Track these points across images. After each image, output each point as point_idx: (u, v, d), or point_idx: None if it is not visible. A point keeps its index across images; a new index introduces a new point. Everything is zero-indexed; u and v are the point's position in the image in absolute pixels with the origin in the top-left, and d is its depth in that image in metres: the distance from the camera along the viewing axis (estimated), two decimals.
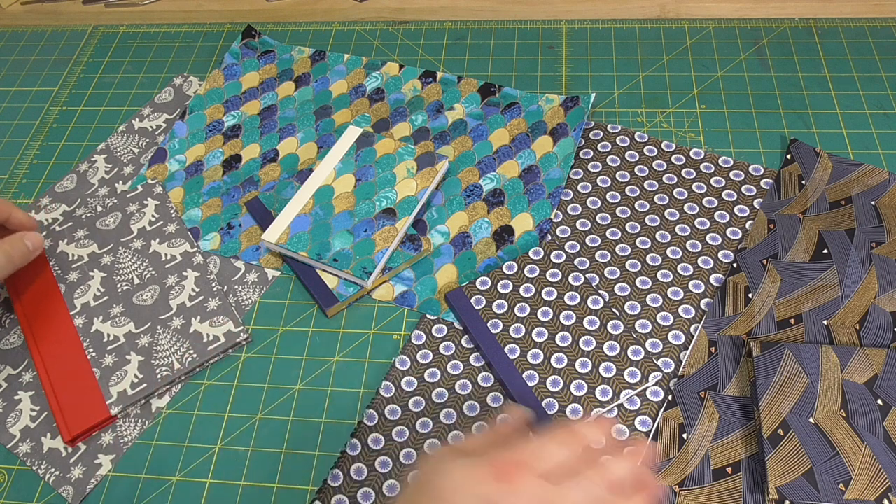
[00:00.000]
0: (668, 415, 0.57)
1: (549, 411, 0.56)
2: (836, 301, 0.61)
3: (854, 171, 0.69)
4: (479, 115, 0.78)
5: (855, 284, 0.62)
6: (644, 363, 0.58)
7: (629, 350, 0.59)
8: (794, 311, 0.61)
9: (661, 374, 0.58)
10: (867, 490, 0.51)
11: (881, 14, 0.84)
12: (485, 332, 0.61)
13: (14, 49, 0.94)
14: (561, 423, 0.53)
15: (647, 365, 0.58)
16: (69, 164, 0.80)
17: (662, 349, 0.61)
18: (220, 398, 0.62)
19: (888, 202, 0.66)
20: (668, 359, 0.60)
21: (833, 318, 0.60)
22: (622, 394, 0.57)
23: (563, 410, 0.56)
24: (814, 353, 0.57)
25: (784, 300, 0.62)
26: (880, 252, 0.63)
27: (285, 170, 0.76)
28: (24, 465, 0.60)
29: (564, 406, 0.57)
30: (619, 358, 0.59)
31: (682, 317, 0.62)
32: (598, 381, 0.58)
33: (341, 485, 0.56)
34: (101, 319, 0.66)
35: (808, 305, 0.61)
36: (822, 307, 0.61)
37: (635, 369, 0.58)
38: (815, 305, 0.61)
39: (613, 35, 0.85)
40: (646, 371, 0.58)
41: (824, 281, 0.62)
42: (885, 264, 0.63)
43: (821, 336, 0.60)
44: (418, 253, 0.67)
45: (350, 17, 0.91)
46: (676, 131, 0.75)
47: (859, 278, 0.62)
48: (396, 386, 0.60)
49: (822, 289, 0.62)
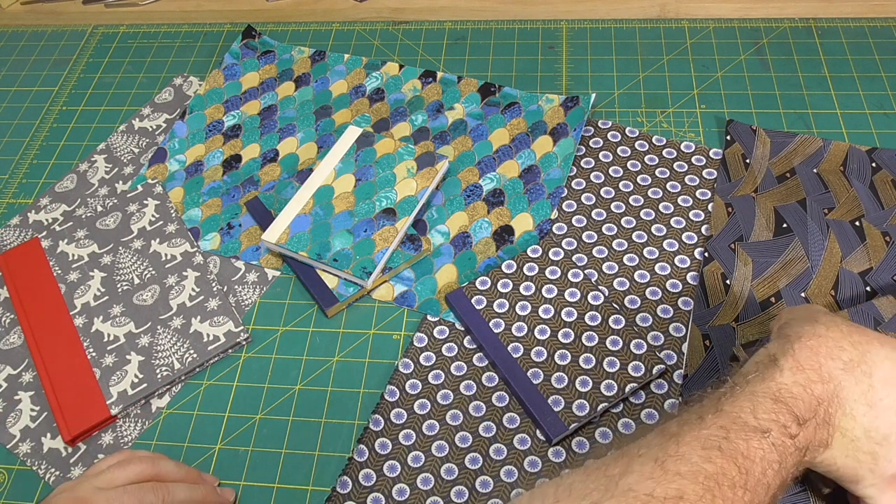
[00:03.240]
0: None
1: (555, 408, 0.56)
2: (807, 272, 0.63)
3: (791, 143, 0.72)
4: (479, 115, 0.78)
5: (820, 253, 0.64)
6: (647, 356, 0.58)
7: (632, 344, 0.59)
8: (772, 290, 0.62)
9: (664, 367, 0.58)
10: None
11: (881, 14, 0.84)
12: (487, 332, 0.61)
13: (14, 49, 0.94)
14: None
15: (650, 358, 0.58)
16: (69, 164, 0.80)
17: (664, 342, 0.61)
18: (220, 398, 0.62)
19: (828, 168, 0.69)
20: (671, 351, 0.60)
21: (809, 290, 0.62)
22: (627, 388, 0.57)
23: (570, 407, 0.56)
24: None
25: (760, 280, 0.63)
26: (833, 217, 0.66)
27: (285, 170, 0.76)
28: (24, 465, 0.60)
29: (570, 402, 0.57)
30: (623, 352, 0.59)
31: (682, 308, 0.62)
32: (603, 377, 0.58)
33: (350, 491, 0.55)
34: (101, 319, 0.65)
35: (784, 281, 0.63)
36: (796, 281, 0.63)
37: (639, 363, 0.58)
38: (789, 280, 0.63)
39: (613, 35, 0.85)
40: (649, 364, 0.58)
41: (792, 254, 0.64)
42: (841, 228, 0.65)
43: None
44: (418, 253, 0.67)
45: (350, 17, 0.91)
46: (676, 131, 0.75)
47: (822, 246, 0.64)
48: (401, 389, 0.60)
49: (792, 262, 0.63)
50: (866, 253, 0.63)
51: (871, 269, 0.62)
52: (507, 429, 0.57)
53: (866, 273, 0.62)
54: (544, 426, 0.56)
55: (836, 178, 0.68)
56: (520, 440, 0.57)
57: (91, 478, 0.51)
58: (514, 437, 0.57)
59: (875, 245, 0.64)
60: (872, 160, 0.69)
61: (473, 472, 0.56)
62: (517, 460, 0.56)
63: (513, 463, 0.56)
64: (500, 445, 0.57)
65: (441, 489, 0.55)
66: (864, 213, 0.65)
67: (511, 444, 0.57)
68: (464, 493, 0.55)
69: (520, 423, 0.58)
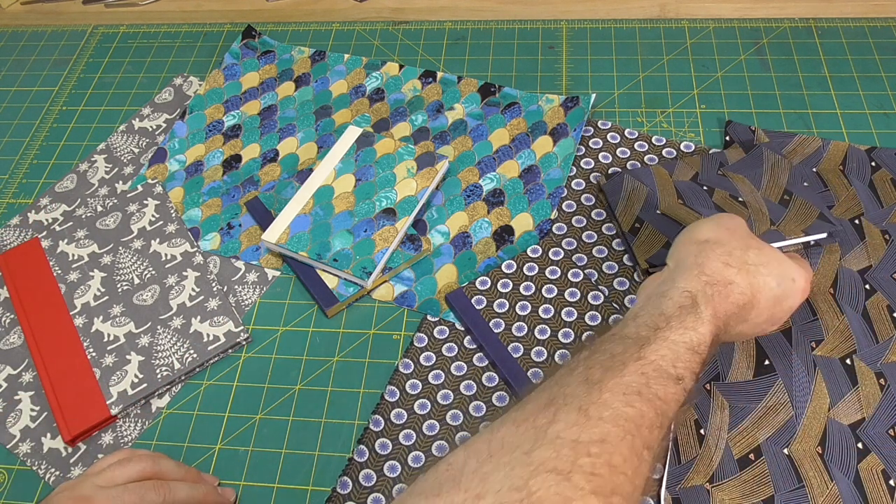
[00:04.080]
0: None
1: None
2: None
3: (790, 143, 0.71)
4: (479, 115, 0.78)
5: (819, 251, 0.63)
6: None
7: None
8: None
9: None
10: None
11: (881, 14, 0.84)
12: (487, 332, 0.61)
13: (14, 49, 0.94)
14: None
15: None
16: (69, 164, 0.80)
17: None
18: (220, 398, 0.62)
19: (827, 167, 0.69)
20: None
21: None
22: None
23: None
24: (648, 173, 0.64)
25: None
26: (833, 215, 0.65)
27: (285, 170, 0.76)
28: (24, 465, 0.60)
29: None
30: None
31: None
32: None
33: (350, 491, 0.55)
34: (101, 319, 0.65)
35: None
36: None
37: None
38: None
39: (613, 35, 0.85)
40: None
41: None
42: (841, 226, 0.65)
43: (801, 310, 0.59)
44: (418, 253, 0.67)
45: (350, 17, 0.91)
46: (676, 131, 0.75)
47: (819, 252, 0.63)
48: (401, 390, 0.60)
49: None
50: (866, 251, 0.63)
51: (870, 268, 0.62)
52: None
53: (866, 271, 0.62)
54: None
55: (836, 177, 0.68)
56: None
57: (92, 476, 0.51)
58: None
59: (874, 243, 0.64)
60: (872, 159, 0.69)
61: None
62: None
63: None
64: None
65: None
66: (863, 212, 0.66)
67: None
68: None
69: None
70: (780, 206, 0.64)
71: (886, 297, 0.60)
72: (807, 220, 0.63)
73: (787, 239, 0.62)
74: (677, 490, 0.53)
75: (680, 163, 0.69)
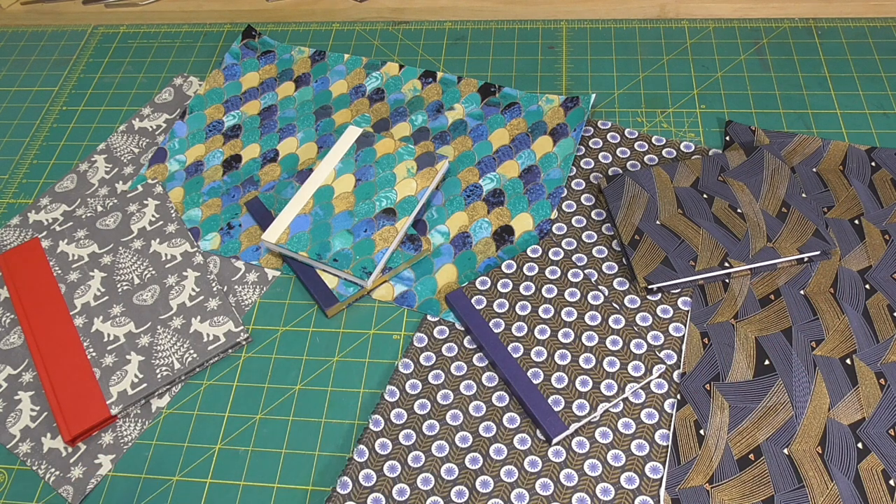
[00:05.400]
0: (681, 414, 0.57)
1: (555, 408, 0.56)
2: (806, 272, 0.63)
3: (790, 143, 0.71)
4: (479, 115, 0.78)
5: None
6: (647, 356, 0.58)
7: (632, 344, 0.59)
8: (771, 288, 0.62)
9: (664, 367, 0.58)
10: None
11: (881, 14, 0.84)
12: (487, 332, 0.61)
13: (14, 49, 0.94)
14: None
15: (650, 358, 0.58)
16: (69, 164, 0.80)
17: (664, 341, 0.61)
18: (220, 398, 0.62)
19: (827, 167, 0.69)
20: (671, 350, 0.60)
21: (808, 288, 0.62)
22: (627, 387, 0.57)
23: (570, 407, 0.56)
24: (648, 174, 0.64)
25: (759, 278, 0.63)
26: (833, 216, 0.66)
27: (285, 170, 0.76)
28: (24, 465, 0.60)
29: (570, 402, 0.57)
30: (623, 352, 0.59)
31: (682, 308, 0.62)
32: (603, 376, 0.58)
33: (350, 491, 0.55)
34: (101, 319, 0.65)
35: (783, 279, 0.63)
36: (795, 279, 0.63)
37: (639, 362, 0.58)
38: (789, 277, 0.63)
39: (613, 35, 0.85)
40: (649, 364, 0.58)
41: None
42: (840, 227, 0.65)
43: (802, 309, 0.61)
44: (418, 253, 0.67)
45: (350, 17, 0.91)
46: (676, 131, 0.75)
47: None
48: (401, 390, 0.60)
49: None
50: (866, 251, 0.63)
51: (870, 267, 0.62)
52: (508, 429, 0.57)
53: (866, 271, 0.62)
54: (544, 426, 0.56)
55: (836, 177, 0.68)
56: (520, 440, 0.57)
57: None
58: (514, 437, 0.57)
59: (874, 243, 0.64)
60: (872, 159, 0.69)
61: (473, 472, 0.56)
62: (517, 460, 0.56)
63: (513, 463, 0.56)
64: (500, 445, 0.57)
65: (441, 489, 0.55)
66: (863, 212, 0.66)
67: (511, 443, 0.57)
68: (464, 493, 0.55)
69: (520, 423, 0.58)
70: (777, 220, 0.64)
71: (887, 297, 0.60)
72: (803, 236, 0.63)
73: (782, 257, 0.62)
74: (677, 490, 0.53)
75: (681, 165, 0.69)
